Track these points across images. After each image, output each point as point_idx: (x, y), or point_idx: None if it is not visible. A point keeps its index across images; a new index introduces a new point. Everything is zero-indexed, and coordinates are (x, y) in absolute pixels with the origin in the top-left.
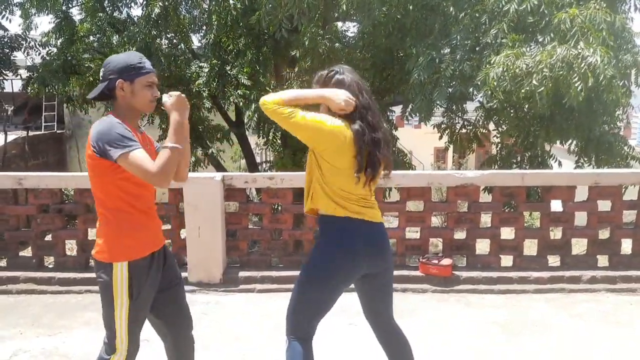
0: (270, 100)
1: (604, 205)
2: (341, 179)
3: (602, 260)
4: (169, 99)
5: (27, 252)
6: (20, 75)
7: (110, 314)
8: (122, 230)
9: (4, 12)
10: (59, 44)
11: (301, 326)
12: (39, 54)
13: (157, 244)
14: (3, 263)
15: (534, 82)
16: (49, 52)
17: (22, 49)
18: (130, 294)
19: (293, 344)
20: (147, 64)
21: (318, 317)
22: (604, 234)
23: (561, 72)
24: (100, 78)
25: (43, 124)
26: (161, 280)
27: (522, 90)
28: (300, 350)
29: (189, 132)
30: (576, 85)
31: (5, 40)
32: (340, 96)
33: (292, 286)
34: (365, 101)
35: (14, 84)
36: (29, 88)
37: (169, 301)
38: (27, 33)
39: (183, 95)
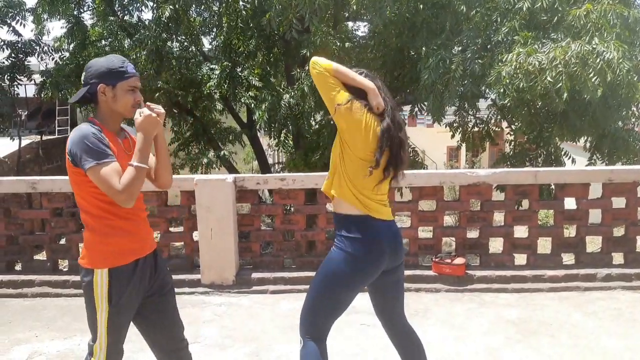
0: (322, 63)
1: (619, 202)
2: (359, 171)
3: (618, 257)
4: (139, 116)
5: (41, 256)
6: (34, 80)
7: (92, 317)
8: (102, 237)
9: (17, 17)
10: (71, 48)
11: (317, 326)
12: (52, 58)
13: (142, 251)
14: (18, 267)
15: (548, 78)
16: (62, 56)
17: (36, 54)
18: (110, 300)
19: (308, 344)
20: (130, 67)
21: (334, 317)
22: (618, 231)
23: (575, 69)
24: (82, 82)
25: (57, 128)
26: (151, 286)
27: (538, 88)
28: (316, 350)
29: (166, 143)
30: (593, 80)
31: (19, 45)
32: (379, 95)
33: (305, 287)
34: (393, 102)
35: (27, 89)
36: (43, 93)
37: (157, 308)
38: (40, 38)
39: (155, 113)
